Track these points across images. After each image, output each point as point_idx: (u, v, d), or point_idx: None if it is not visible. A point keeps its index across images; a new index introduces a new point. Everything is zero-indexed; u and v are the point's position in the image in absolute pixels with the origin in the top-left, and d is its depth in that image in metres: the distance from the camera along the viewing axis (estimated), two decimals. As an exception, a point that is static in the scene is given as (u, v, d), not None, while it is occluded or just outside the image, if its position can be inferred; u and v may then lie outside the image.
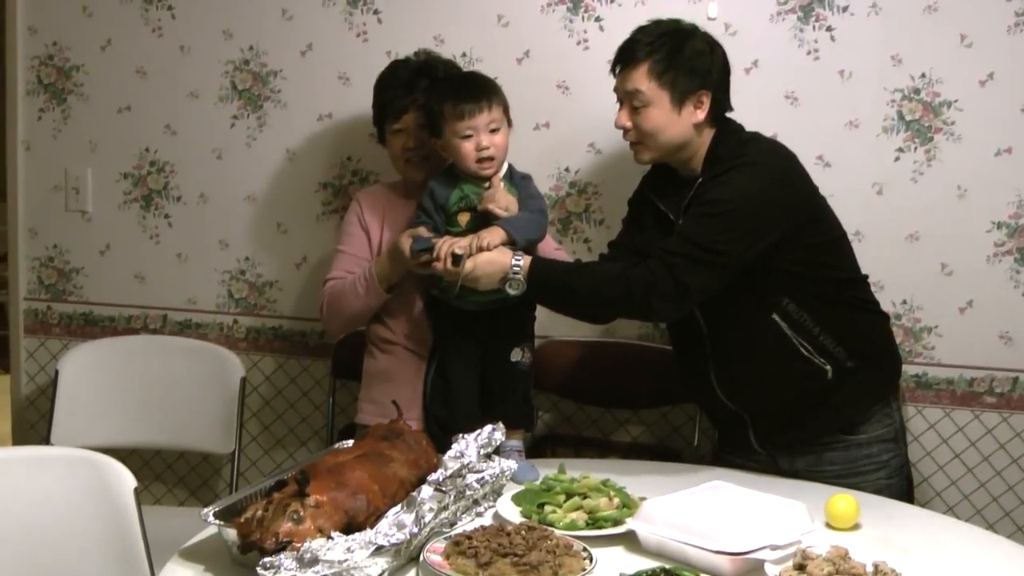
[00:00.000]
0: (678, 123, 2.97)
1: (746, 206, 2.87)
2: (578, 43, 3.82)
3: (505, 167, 3.16)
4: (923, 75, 3.65)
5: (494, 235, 2.98)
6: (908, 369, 3.72)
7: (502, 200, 3.06)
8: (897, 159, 3.69)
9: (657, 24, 3.03)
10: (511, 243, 3.01)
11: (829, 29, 3.68)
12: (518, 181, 3.18)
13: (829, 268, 3.05)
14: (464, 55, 3.81)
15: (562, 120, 3.85)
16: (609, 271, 3.00)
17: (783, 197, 2.94)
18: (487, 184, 3.11)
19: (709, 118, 3.01)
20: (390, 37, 3.86)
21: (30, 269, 4.31)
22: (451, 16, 3.88)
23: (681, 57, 2.95)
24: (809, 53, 3.70)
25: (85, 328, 4.28)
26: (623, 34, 3.65)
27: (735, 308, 2.97)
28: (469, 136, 3.07)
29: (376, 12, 3.93)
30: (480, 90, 3.12)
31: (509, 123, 3.17)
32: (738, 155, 2.95)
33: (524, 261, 2.95)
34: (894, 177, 3.70)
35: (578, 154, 3.83)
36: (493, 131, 3.09)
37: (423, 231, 3.08)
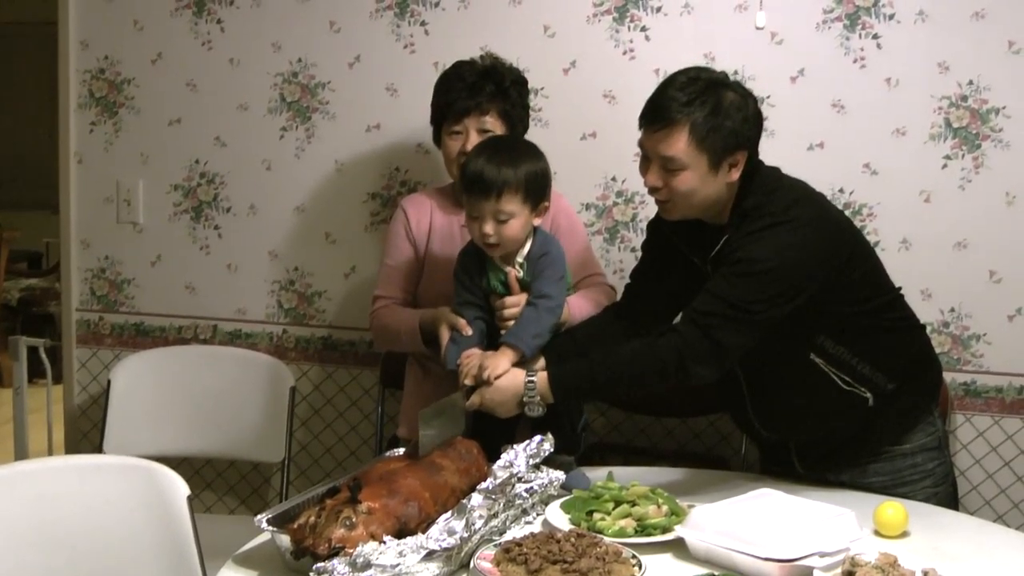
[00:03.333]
0: (713, 184, 2.83)
1: (782, 265, 2.76)
2: (624, 52, 3.83)
3: (527, 247, 3.05)
4: (970, 82, 3.63)
5: (499, 362, 2.88)
6: (956, 377, 3.71)
7: (511, 310, 3.01)
8: (945, 167, 3.68)
9: (689, 79, 2.84)
10: (522, 356, 2.93)
11: (875, 37, 3.67)
12: (535, 261, 3.04)
13: (864, 300, 2.95)
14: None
15: (609, 129, 3.85)
16: (636, 352, 2.87)
17: (819, 252, 2.82)
18: (505, 272, 3.04)
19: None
20: (437, 48, 3.88)
21: (82, 280, 4.36)
22: (498, 27, 3.89)
23: (720, 116, 2.78)
24: (855, 61, 3.69)
25: (136, 338, 4.32)
26: (669, 44, 3.69)
27: (771, 352, 2.88)
28: (475, 217, 3.00)
29: (423, 24, 3.96)
30: (486, 182, 2.95)
31: (537, 204, 3.01)
32: (769, 208, 2.83)
33: (539, 378, 2.85)
34: (942, 185, 3.68)
35: (625, 163, 3.82)
36: (501, 221, 2.96)
37: (463, 326, 3.02)
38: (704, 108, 2.77)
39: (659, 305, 3.10)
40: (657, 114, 2.82)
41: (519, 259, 3.05)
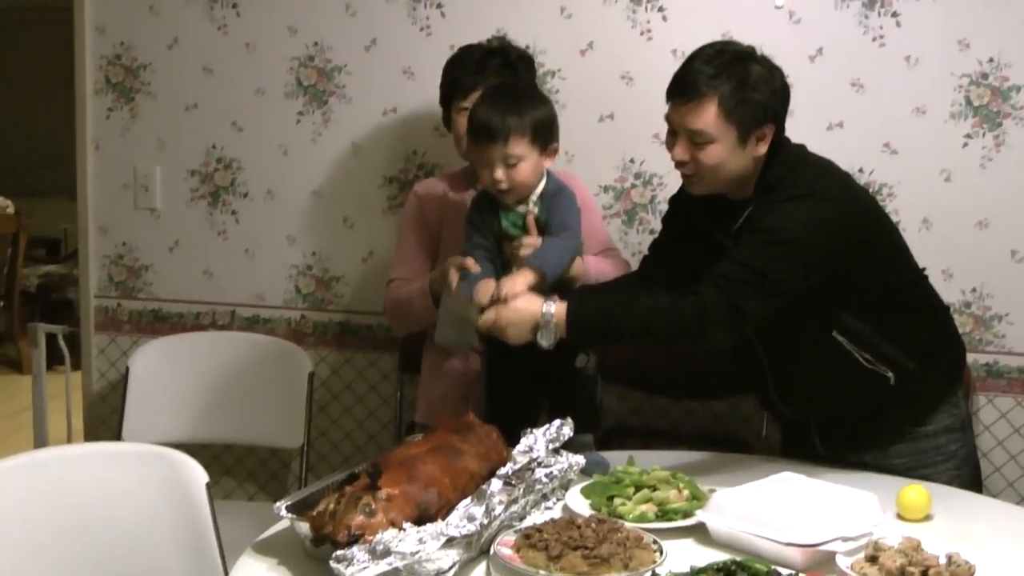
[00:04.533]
0: (741, 157, 2.83)
1: (806, 237, 2.76)
2: (641, 33, 3.81)
3: (540, 187, 3.05)
4: (991, 59, 3.61)
5: (518, 280, 2.85)
6: (979, 358, 3.69)
7: (527, 249, 2.99)
8: (965, 145, 3.65)
9: (716, 51, 2.84)
10: (542, 279, 2.88)
11: (895, 15, 3.65)
12: (549, 201, 3.04)
13: (887, 277, 2.95)
14: (527, 47, 3.79)
15: (626, 111, 3.84)
16: (657, 305, 2.84)
17: (843, 227, 2.81)
18: (522, 215, 3.03)
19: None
20: (453, 30, 3.87)
21: (100, 267, 4.35)
22: (514, 9, 3.88)
23: (747, 89, 2.78)
24: (874, 39, 3.67)
25: (154, 324, 4.32)
26: (686, 24, 3.67)
27: (794, 328, 2.88)
28: (485, 165, 3.00)
29: (439, 6, 3.94)
30: (492, 127, 2.95)
31: (546, 146, 3.01)
32: (794, 181, 2.83)
33: (557, 308, 2.79)
34: (962, 163, 3.66)
35: (643, 145, 3.82)
36: (511, 165, 2.96)
37: (471, 263, 2.99)
38: (732, 81, 2.77)
39: (676, 277, 3.07)
40: (685, 87, 2.81)
41: (533, 198, 3.04)
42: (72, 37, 4.27)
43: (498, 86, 3.22)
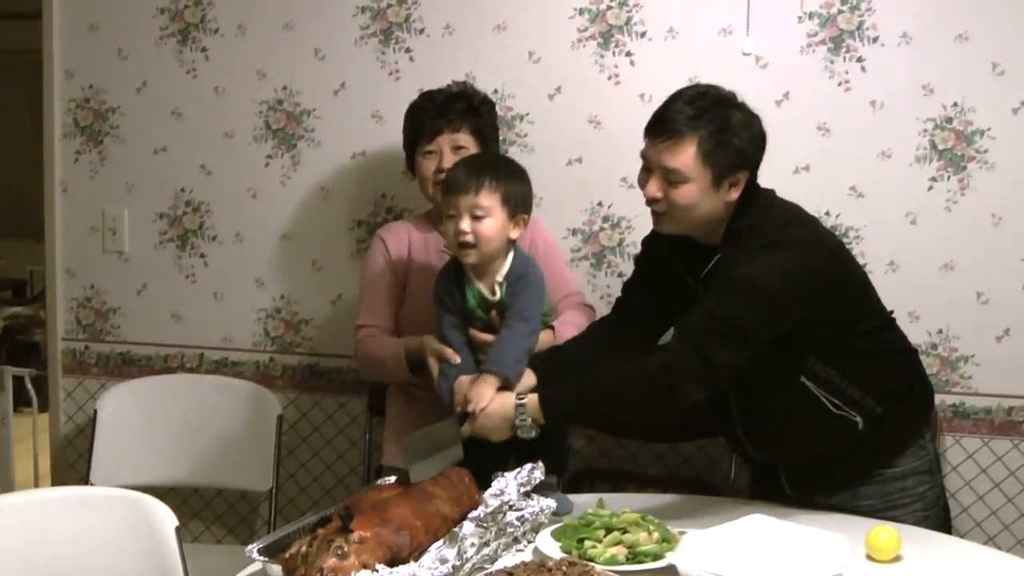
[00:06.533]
0: (714, 200, 2.84)
1: (776, 285, 2.76)
2: (609, 78, 3.84)
3: (506, 266, 3.02)
4: (955, 104, 3.65)
5: (483, 392, 2.85)
6: (945, 399, 3.71)
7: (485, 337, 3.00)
8: (930, 188, 3.69)
9: (698, 93, 2.86)
10: (505, 380, 2.89)
11: (860, 60, 3.68)
12: (514, 283, 3.00)
13: (855, 323, 2.96)
14: (496, 91, 3.83)
15: (594, 155, 3.86)
16: (625, 372, 2.87)
17: (812, 273, 2.82)
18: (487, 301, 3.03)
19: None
20: (422, 75, 3.88)
21: (68, 310, 4.34)
22: (483, 53, 3.90)
23: (727, 134, 2.80)
24: (840, 84, 3.71)
25: (123, 367, 4.30)
26: (654, 68, 3.71)
27: (761, 373, 2.87)
28: (452, 216, 2.98)
29: (408, 50, 3.96)
30: (466, 178, 2.97)
31: (516, 214, 2.99)
32: (762, 229, 2.84)
33: (528, 401, 2.82)
34: (928, 206, 3.69)
35: (611, 188, 3.84)
36: (476, 217, 2.93)
37: (451, 355, 3.00)
38: (712, 124, 2.79)
39: (649, 319, 3.10)
40: (664, 126, 2.82)
41: (498, 278, 3.02)
42: (41, 80, 4.26)
43: (482, 154, 3.28)
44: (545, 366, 3.00)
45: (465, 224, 2.93)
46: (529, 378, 2.94)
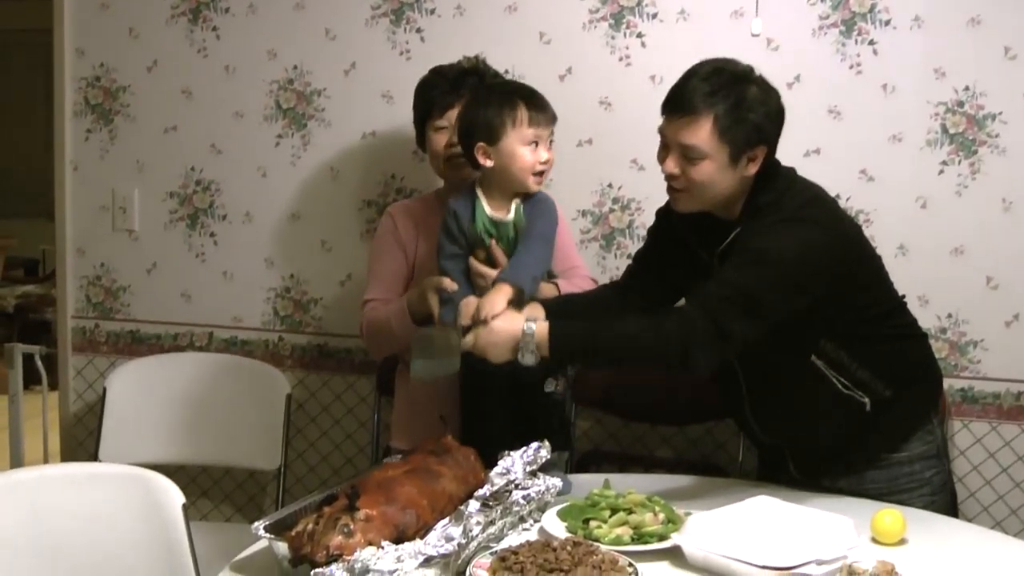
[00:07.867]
0: (731, 177, 2.82)
1: (794, 259, 2.74)
2: (620, 59, 3.83)
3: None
4: (967, 88, 3.64)
5: (496, 299, 2.80)
6: (954, 383, 3.71)
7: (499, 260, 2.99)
8: (941, 172, 3.68)
9: (714, 69, 2.83)
10: (519, 294, 2.85)
11: (871, 43, 3.67)
12: (531, 206, 3.03)
13: (868, 304, 2.95)
14: (507, 72, 3.82)
15: (604, 136, 3.86)
16: (639, 328, 2.80)
17: (830, 252, 2.80)
18: (510, 209, 3.02)
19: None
20: (433, 55, 3.86)
21: (78, 288, 4.35)
22: (493, 34, 3.90)
23: (743, 110, 2.77)
24: (852, 67, 3.70)
25: (132, 346, 4.32)
26: (665, 50, 3.70)
27: (773, 352, 2.86)
28: (534, 145, 2.98)
29: (419, 31, 3.96)
30: (546, 103, 3.02)
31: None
32: (782, 205, 2.83)
33: (538, 328, 2.72)
34: (938, 191, 3.69)
35: (621, 170, 3.83)
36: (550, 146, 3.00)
37: (448, 284, 2.98)
38: (728, 100, 2.76)
39: (658, 290, 3.07)
40: (681, 103, 2.80)
41: (515, 201, 3.02)
42: (52, 59, 4.27)
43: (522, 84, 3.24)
44: (554, 306, 2.97)
45: (546, 152, 3.00)
46: (538, 309, 2.89)
